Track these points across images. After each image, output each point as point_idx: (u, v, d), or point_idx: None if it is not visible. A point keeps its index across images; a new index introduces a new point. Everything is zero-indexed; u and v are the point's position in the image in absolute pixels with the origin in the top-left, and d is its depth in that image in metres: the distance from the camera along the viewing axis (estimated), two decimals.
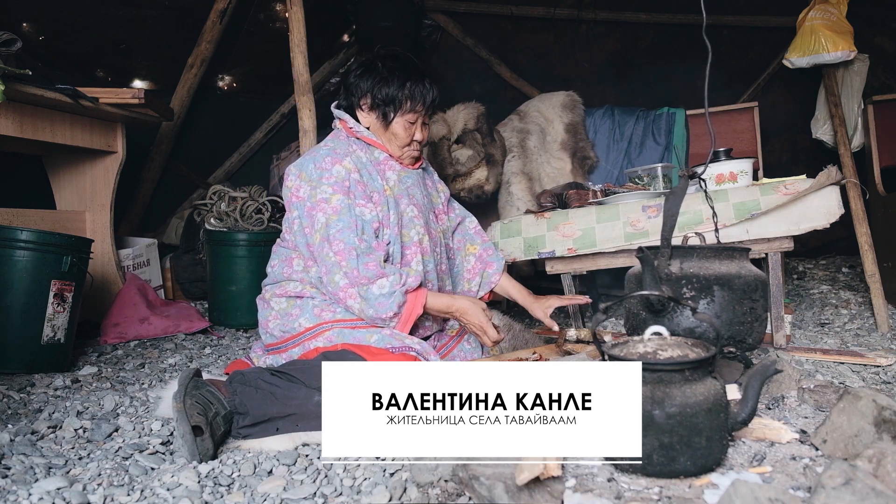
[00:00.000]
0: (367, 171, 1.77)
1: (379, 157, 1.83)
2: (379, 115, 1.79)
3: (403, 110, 1.78)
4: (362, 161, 1.77)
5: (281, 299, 1.77)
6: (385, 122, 1.80)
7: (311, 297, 1.73)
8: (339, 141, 1.79)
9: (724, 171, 2.31)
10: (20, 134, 2.28)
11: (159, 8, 3.48)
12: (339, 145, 1.77)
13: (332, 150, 1.74)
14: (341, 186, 1.68)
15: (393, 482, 1.18)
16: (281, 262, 1.81)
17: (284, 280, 1.78)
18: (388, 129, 1.81)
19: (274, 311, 1.76)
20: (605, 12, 4.36)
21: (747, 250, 1.41)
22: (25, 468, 1.30)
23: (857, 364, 2.05)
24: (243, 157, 4.33)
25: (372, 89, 1.77)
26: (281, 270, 1.80)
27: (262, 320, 1.81)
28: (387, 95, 1.76)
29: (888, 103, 3.29)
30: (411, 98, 1.77)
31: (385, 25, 3.95)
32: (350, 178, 1.70)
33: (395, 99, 1.76)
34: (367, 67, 1.80)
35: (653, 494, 0.97)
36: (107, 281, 2.77)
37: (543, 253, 2.40)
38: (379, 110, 1.79)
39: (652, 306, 1.32)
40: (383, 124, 1.80)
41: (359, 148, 1.80)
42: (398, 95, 1.76)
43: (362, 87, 1.79)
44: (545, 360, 1.83)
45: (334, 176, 1.69)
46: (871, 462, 0.93)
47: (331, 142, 1.80)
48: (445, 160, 3.13)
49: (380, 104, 1.78)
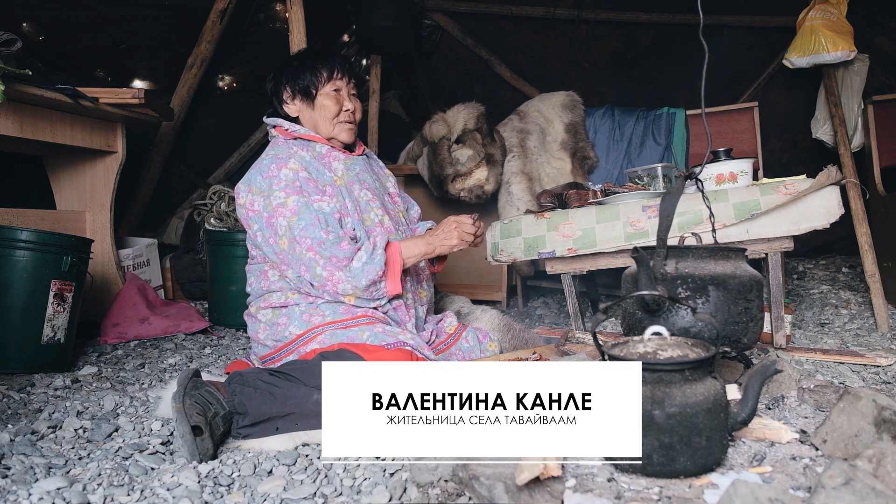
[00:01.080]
0: (314, 167, 1.80)
1: (321, 151, 1.86)
2: (302, 97, 1.86)
3: (322, 81, 1.85)
4: (306, 159, 1.80)
5: (267, 311, 1.78)
6: (310, 100, 1.85)
7: (295, 303, 1.75)
8: (279, 147, 1.83)
9: (724, 171, 2.31)
10: (20, 134, 2.28)
11: (159, 8, 3.47)
12: (279, 151, 1.80)
13: (274, 157, 1.77)
14: (293, 188, 1.71)
15: (393, 482, 1.18)
16: (257, 279, 1.83)
17: (265, 293, 1.80)
18: (315, 107, 1.86)
19: (262, 322, 1.78)
20: (605, 12, 4.36)
21: (743, 250, 1.41)
22: (25, 468, 1.30)
23: (857, 364, 2.06)
24: (243, 157, 4.32)
25: (289, 81, 1.86)
26: (259, 285, 1.82)
27: (252, 334, 1.83)
28: (303, 77, 1.85)
29: (888, 103, 3.29)
30: (325, 68, 1.85)
31: (385, 25, 3.95)
32: (299, 178, 1.73)
33: (310, 76, 1.84)
34: (279, 68, 1.90)
35: (653, 494, 0.97)
36: (107, 281, 2.77)
37: (543, 253, 2.40)
38: (301, 94, 1.85)
39: (647, 306, 1.33)
40: (309, 104, 1.86)
41: (300, 148, 1.83)
42: (312, 73, 1.84)
43: (280, 83, 1.88)
44: (545, 360, 1.83)
45: (283, 180, 1.72)
46: (871, 462, 0.93)
47: (271, 150, 1.83)
48: (445, 160, 3.13)
49: (300, 88, 1.85)
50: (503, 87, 4.75)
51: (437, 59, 4.78)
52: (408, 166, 3.56)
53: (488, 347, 1.99)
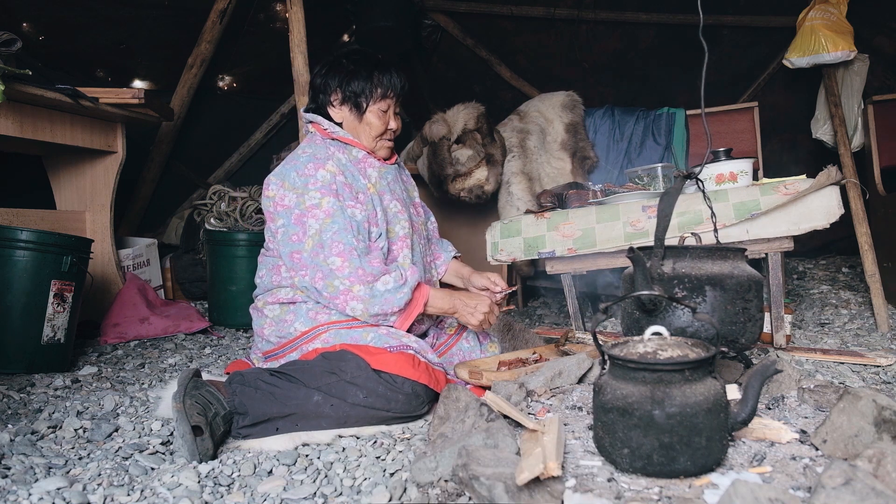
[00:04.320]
0: (350, 171, 1.77)
1: (358, 156, 1.82)
2: (351, 106, 1.79)
3: (375, 98, 1.79)
4: (343, 163, 1.77)
5: (274, 306, 1.76)
6: (359, 112, 1.80)
7: (303, 301, 1.73)
8: (316, 146, 1.78)
9: (724, 171, 2.31)
10: (20, 134, 2.28)
11: (159, 8, 3.48)
12: (317, 150, 1.75)
13: (312, 155, 1.72)
14: (329, 189, 1.67)
15: (393, 482, 1.18)
16: (269, 272, 1.80)
17: (275, 287, 1.78)
18: (362, 120, 1.81)
19: (268, 318, 1.76)
20: (605, 12, 4.36)
21: (742, 250, 1.41)
22: (25, 468, 1.30)
23: (857, 364, 2.06)
24: (243, 157, 4.33)
25: (341, 84, 1.78)
26: (270, 279, 1.79)
27: (257, 328, 1.80)
28: (357, 86, 1.77)
29: (888, 103, 3.29)
30: (381, 85, 1.78)
31: (385, 25, 3.95)
32: (336, 181, 1.69)
33: (365, 89, 1.77)
34: (333, 65, 1.81)
35: (653, 494, 0.97)
36: (107, 281, 2.77)
37: (543, 253, 2.40)
38: (351, 102, 1.79)
39: (644, 306, 1.33)
40: (357, 115, 1.80)
41: (337, 149, 1.79)
42: (367, 84, 1.77)
43: (331, 83, 1.79)
44: (545, 360, 1.83)
45: (320, 181, 1.67)
46: (871, 462, 0.93)
47: (308, 147, 1.78)
48: (445, 160, 3.13)
49: (351, 96, 1.78)
50: (503, 87, 4.76)
51: (437, 59, 4.79)
52: (408, 166, 3.56)
53: (488, 348, 1.99)
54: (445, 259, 2.10)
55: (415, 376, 1.55)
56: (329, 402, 1.48)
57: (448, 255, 2.12)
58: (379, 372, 1.53)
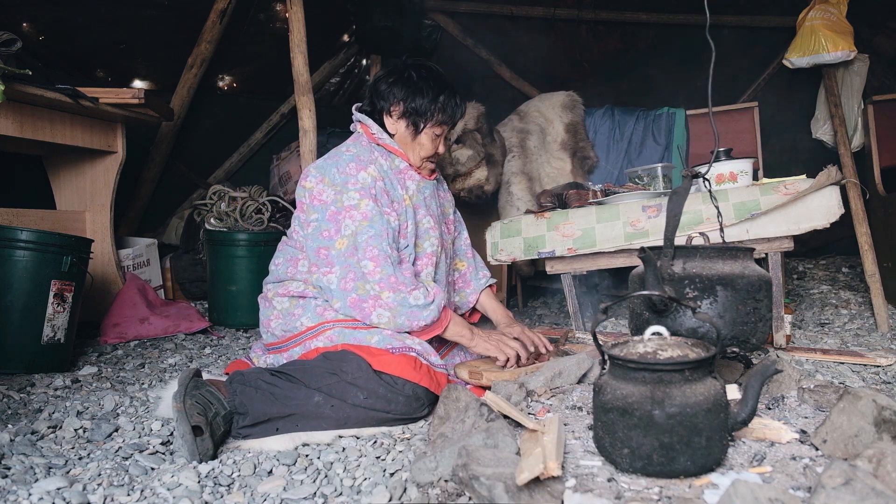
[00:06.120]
0: (389, 179, 1.76)
1: (400, 166, 1.82)
2: (409, 123, 1.79)
3: (434, 122, 1.79)
4: (384, 169, 1.77)
5: (283, 299, 1.76)
6: (415, 131, 1.80)
7: (313, 297, 1.72)
8: (361, 147, 1.78)
9: (724, 171, 2.31)
10: (20, 134, 2.28)
11: (159, 8, 3.48)
12: (361, 151, 1.75)
13: (355, 156, 1.72)
14: (368, 193, 1.67)
15: (393, 482, 1.18)
16: (286, 261, 1.79)
17: (288, 279, 1.77)
18: (415, 140, 1.81)
19: (276, 310, 1.76)
20: (605, 12, 4.36)
21: (751, 250, 1.41)
22: (25, 468, 1.30)
23: (857, 364, 2.06)
24: (243, 157, 4.33)
25: (405, 98, 1.78)
26: (285, 269, 1.78)
27: (263, 319, 1.80)
28: (420, 105, 1.77)
29: (888, 103, 3.29)
30: (443, 111, 1.78)
31: (385, 25, 3.95)
32: (376, 186, 1.69)
33: (427, 110, 1.77)
34: (400, 75, 1.80)
35: (653, 494, 0.97)
36: (107, 281, 2.77)
37: (543, 253, 2.40)
38: (409, 119, 1.79)
39: (654, 306, 1.32)
40: (412, 133, 1.80)
41: (380, 155, 1.79)
42: (431, 107, 1.77)
43: (396, 94, 1.78)
44: (545, 360, 1.83)
45: (360, 182, 1.67)
46: (871, 462, 0.93)
47: (353, 147, 1.78)
48: (445, 160, 3.13)
49: (411, 113, 1.78)
50: (503, 87, 4.75)
51: (436, 59, 4.78)
52: None
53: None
54: (476, 287, 2.09)
55: (416, 378, 1.54)
56: (329, 402, 1.48)
57: (479, 283, 2.10)
58: (380, 373, 1.53)
